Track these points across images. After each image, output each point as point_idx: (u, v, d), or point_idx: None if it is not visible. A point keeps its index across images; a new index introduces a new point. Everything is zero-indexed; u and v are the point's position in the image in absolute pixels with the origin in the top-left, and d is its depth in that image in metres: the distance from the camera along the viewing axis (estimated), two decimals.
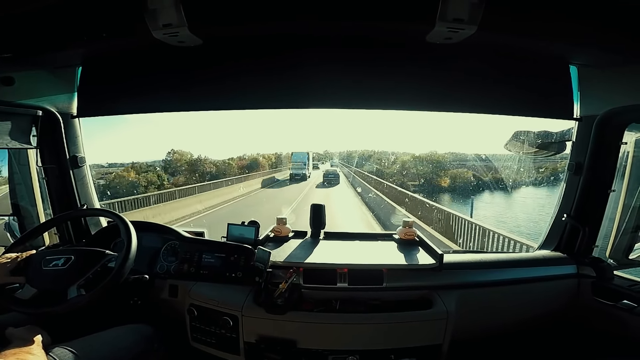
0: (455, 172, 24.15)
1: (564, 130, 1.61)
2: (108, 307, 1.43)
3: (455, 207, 14.41)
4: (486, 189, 20.34)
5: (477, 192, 21.06)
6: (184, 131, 59.87)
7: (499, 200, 19.36)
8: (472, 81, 1.43)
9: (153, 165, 25.73)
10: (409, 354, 1.32)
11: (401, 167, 27.61)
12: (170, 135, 56.56)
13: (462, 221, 7.04)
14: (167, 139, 58.50)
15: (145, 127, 55.60)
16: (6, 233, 1.67)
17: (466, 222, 6.87)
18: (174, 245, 1.58)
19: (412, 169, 26.63)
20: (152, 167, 25.33)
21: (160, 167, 25.75)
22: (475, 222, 6.52)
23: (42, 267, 1.17)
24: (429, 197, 12.93)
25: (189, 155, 28.29)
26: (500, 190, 19.00)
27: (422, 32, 1.14)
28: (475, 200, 18.90)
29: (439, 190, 23.62)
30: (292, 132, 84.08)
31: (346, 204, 15.26)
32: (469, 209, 15.85)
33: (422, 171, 25.98)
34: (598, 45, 1.18)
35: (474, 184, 21.64)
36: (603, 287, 1.48)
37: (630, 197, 1.59)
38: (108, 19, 1.14)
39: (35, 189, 1.71)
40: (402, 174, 26.30)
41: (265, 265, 1.36)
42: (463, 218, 7.10)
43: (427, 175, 25.52)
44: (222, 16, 1.12)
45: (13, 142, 1.46)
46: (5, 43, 1.17)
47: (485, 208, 18.35)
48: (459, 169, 24.26)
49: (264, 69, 1.47)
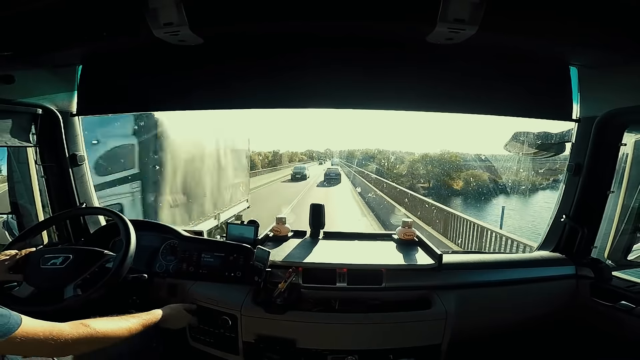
0: (471, 173, 21.78)
1: (564, 131, 1.62)
2: (107, 306, 1.43)
3: (474, 213, 12.28)
4: (505, 192, 17.46)
5: (497, 196, 18.31)
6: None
7: (522, 206, 16.85)
8: (473, 82, 1.43)
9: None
10: (408, 354, 1.32)
11: (410, 167, 26.15)
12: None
13: (494, 235, 6.14)
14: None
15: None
16: (4, 231, 1.67)
17: (499, 236, 6.06)
18: (173, 244, 1.58)
19: (421, 169, 25.15)
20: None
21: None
22: (511, 236, 5.69)
23: (40, 265, 1.17)
24: (443, 201, 11.84)
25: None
26: (522, 194, 16.78)
27: (423, 33, 1.14)
28: (492, 206, 16.60)
29: (452, 193, 21.68)
30: (291, 131, 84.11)
31: (347, 204, 15.04)
32: (488, 216, 13.76)
33: (433, 172, 24.32)
34: (598, 46, 1.18)
35: (492, 186, 18.88)
36: (601, 288, 1.48)
37: (629, 198, 1.60)
38: (109, 18, 1.13)
39: (35, 187, 1.71)
40: (412, 175, 24.90)
41: (265, 264, 1.36)
42: (495, 232, 6.26)
43: (438, 177, 23.91)
44: (223, 15, 1.12)
45: (12, 140, 1.45)
46: (5, 41, 1.17)
47: (512, 216, 14.34)
48: (473, 170, 22.03)
49: (265, 68, 1.47)
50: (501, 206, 12.89)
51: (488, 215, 15.24)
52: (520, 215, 15.23)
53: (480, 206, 18.39)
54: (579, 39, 1.16)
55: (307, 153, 50.63)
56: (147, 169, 5.03)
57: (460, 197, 21.69)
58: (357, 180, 22.92)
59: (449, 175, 23.43)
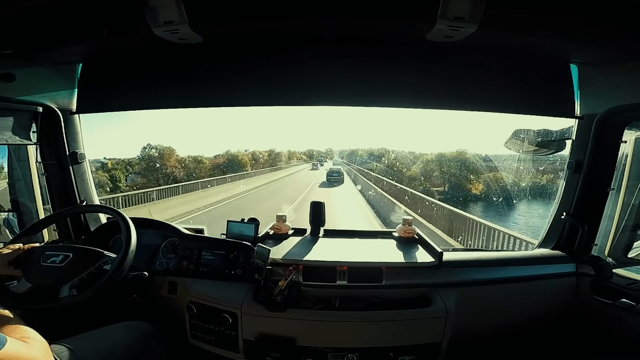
0: (493, 175, 17.49)
1: (564, 128, 1.62)
2: (107, 304, 1.43)
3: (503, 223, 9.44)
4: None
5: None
6: (161, 126, 57.56)
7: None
8: (473, 79, 1.43)
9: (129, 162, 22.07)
10: (408, 351, 1.32)
11: (424, 168, 22.86)
12: (148, 131, 55.21)
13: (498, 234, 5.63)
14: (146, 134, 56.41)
15: (126, 124, 54.71)
16: (5, 229, 1.67)
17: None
18: (173, 242, 1.58)
19: (435, 171, 22.13)
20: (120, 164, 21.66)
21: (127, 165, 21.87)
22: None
23: (41, 262, 1.17)
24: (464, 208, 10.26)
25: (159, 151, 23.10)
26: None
27: (423, 30, 1.14)
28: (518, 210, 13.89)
29: (473, 198, 18.62)
30: (290, 130, 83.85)
31: (351, 205, 14.52)
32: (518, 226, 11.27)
33: (450, 174, 21.05)
34: (599, 43, 1.18)
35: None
36: (602, 285, 1.48)
37: (630, 195, 1.59)
38: (109, 16, 1.14)
39: (35, 185, 1.71)
40: (428, 177, 21.83)
41: (265, 262, 1.36)
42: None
43: (456, 180, 20.60)
44: (222, 13, 1.12)
45: (13, 138, 1.46)
46: (6, 40, 1.17)
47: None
48: (494, 172, 17.63)
49: (264, 66, 1.47)
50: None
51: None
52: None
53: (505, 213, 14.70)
54: (579, 36, 1.16)
55: (307, 152, 50.08)
56: None
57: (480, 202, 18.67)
58: (359, 180, 22.78)
59: (466, 178, 20.43)
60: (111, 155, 23.19)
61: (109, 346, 1.16)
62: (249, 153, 30.65)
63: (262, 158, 31.65)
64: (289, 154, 29.44)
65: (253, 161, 30.07)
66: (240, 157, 29.47)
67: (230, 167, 26.49)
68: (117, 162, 21.64)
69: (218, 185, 16.38)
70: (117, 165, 21.31)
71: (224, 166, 26.53)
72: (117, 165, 21.31)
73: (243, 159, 28.91)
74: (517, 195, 14.34)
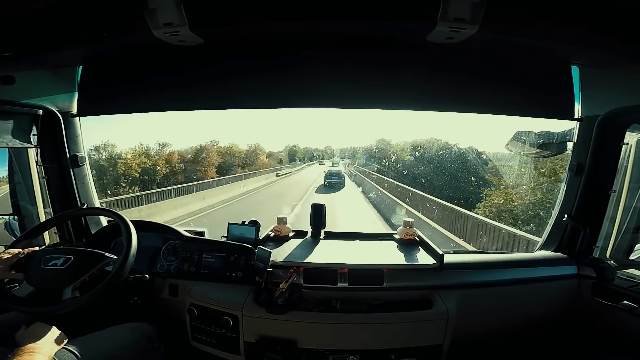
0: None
1: (565, 130, 1.61)
2: (108, 306, 1.43)
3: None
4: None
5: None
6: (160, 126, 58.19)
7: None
8: (473, 81, 1.43)
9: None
10: (410, 354, 1.32)
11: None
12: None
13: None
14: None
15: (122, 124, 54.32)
16: (6, 232, 1.67)
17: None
18: (174, 244, 1.58)
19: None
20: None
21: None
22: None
23: (42, 265, 1.17)
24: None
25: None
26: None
27: (423, 32, 1.14)
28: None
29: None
30: (290, 129, 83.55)
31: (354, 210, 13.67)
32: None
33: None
34: (600, 45, 1.17)
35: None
36: (603, 287, 1.48)
37: (631, 197, 1.59)
38: (108, 19, 1.13)
39: (36, 188, 1.71)
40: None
41: (266, 264, 1.36)
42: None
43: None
44: (223, 15, 1.12)
45: (13, 141, 1.46)
46: (5, 42, 1.17)
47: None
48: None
49: (265, 68, 1.47)
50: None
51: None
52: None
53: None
54: (580, 38, 1.15)
55: (304, 150, 49.65)
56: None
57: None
58: (359, 179, 22.64)
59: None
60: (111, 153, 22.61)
61: (110, 348, 1.16)
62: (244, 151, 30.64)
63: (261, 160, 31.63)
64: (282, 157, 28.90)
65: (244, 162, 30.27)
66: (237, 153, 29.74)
67: (227, 169, 26.62)
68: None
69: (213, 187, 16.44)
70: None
71: (223, 167, 26.74)
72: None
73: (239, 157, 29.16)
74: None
